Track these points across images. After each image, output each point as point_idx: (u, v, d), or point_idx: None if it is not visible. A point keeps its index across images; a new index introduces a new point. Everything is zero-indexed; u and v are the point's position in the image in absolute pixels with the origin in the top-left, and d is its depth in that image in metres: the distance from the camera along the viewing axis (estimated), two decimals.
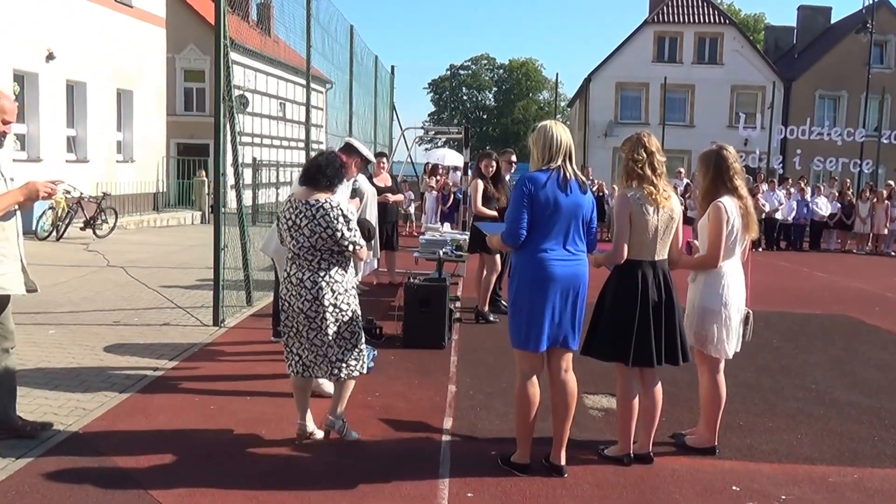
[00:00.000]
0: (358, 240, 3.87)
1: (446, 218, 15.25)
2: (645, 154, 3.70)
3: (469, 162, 11.00)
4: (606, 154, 29.69)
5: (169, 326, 6.67)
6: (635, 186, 3.71)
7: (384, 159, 9.55)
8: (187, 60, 22.49)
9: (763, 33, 41.78)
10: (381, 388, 4.97)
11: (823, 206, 17.21)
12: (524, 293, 3.58)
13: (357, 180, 6.05)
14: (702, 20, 31.57)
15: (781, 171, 21.99)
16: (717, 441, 4.07)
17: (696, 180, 4.39)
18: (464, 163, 11.21)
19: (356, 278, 4.23)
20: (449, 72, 56.72)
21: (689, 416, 4.50)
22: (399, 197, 9.67)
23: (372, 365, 4.21)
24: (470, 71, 62.15)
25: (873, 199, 16.95)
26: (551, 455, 3.72)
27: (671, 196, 3.75)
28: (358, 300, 4.02)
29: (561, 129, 3.65)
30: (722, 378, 4.03)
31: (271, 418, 4.32)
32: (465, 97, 62.94)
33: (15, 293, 3.77)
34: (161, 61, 19.24)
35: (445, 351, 6.13)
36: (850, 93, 29.33)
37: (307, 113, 10.44)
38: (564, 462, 3.70)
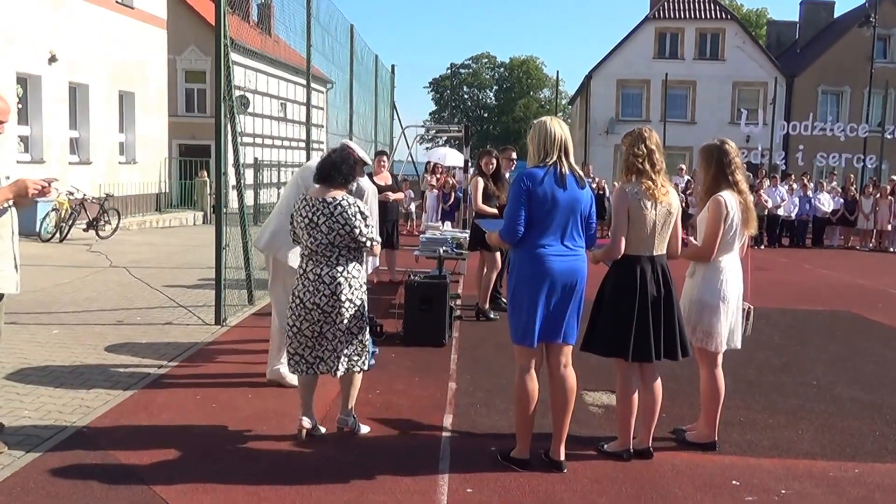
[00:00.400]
0: (375, 236, 3.96)
1: (447, 216, 15.26)
2: (645, 149, 3.72)
3: (469, 160, 11.02)
4: (607, 151, 29.62)
5: (171, 325, 6.70)
6: (634, 181, 3.72)
7: (384, 158, 9.56)
8: (188, 61, 22.55)
9: (765, 28, 41.64)
10: (381, 385, 4.99)
11: (826, 203, 17.16)
12: (522, 289, 3.59)
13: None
14: (703, 16, 31.43)
15: (784, 168, 21.90)
16: (717, 436, 4.07)
17: (698, 176, 4.39)
18: (464, 161, 11.22)
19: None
20: (449, 70, 56.65)
21: (690, 412, 4.51)
22: (399, 195, 9.68)
23: (373, 362, 4.25)
24: (470, 69, 62.08)
25: (876, 195, 16.84)
26: (550, 450, 3.74)
27: (669, 191, 3.76)
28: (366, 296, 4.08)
29: (556, 125, 3.65)
30: (720, 373, 4.04)
31: (273, 415, 4.35)
32: (466, 96, 62.91)
33: (9, 292, 3.73)
34: (162, 62, 19.28)
35: (446, 348, 6.15)
36: (854, 88, 29.17)
37: (308, 113, 10.47)
38: (564, 457, 3.71)
